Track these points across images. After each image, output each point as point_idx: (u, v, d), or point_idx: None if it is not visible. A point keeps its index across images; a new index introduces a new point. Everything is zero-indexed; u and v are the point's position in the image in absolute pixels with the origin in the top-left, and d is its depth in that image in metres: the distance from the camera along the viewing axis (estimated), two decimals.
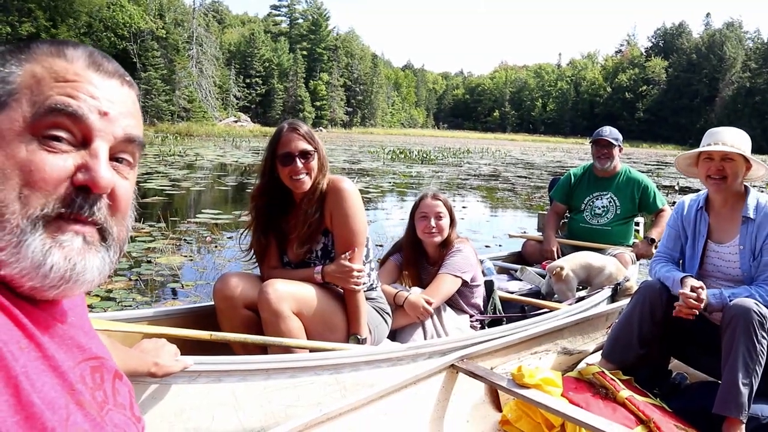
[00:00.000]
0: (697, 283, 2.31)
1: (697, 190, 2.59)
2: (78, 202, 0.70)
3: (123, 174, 0.78)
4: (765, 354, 2.14)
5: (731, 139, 2.36)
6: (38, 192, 0.68)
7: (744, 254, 2.38)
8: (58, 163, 0.70)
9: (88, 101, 0.72)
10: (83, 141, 0.72)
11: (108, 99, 0.75)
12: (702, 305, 2.26)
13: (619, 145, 4.31)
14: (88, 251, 0.72)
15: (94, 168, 0.71)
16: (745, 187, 2.47)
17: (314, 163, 2.38)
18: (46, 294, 0.70)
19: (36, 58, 0.73)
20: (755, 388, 2.14)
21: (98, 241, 0.74)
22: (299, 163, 2.34)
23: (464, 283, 2.93)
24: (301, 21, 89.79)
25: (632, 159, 33.18)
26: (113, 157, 0.76)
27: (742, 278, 2.40)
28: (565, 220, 4.63)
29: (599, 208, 4.32)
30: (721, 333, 2.22)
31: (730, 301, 2.25)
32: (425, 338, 2.74)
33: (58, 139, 0.70)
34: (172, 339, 2.00)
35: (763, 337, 2.13)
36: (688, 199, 2.64)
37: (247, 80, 68.91)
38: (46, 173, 0.68)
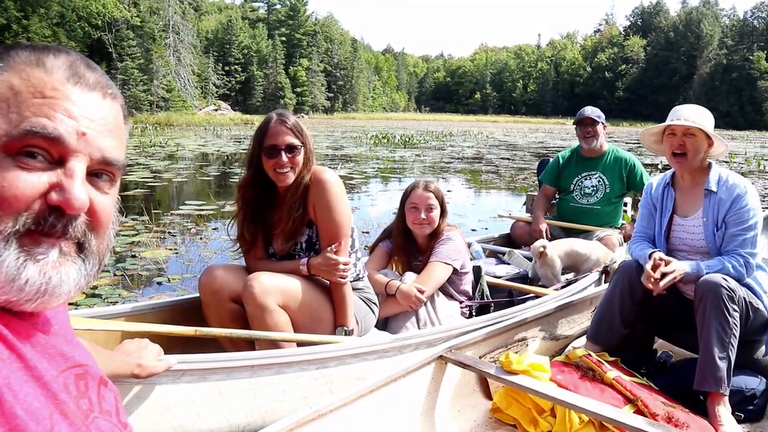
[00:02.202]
0: (665, 258, 2.37)
1: None
2: (51, 220, 0.69)
3: (103, 189, 0.75)
4: (738, 327, 2.19)
5: (693, 116, 2.45)
6: (9, 209, 0.66)
7: (707, 226, 2.46)
8: (32, 180, 0.68)
9: (66, 122, 0.70)
10: (59, 159, 0.71)
11: (87, 117, 0.72)
12: (665, 279, 2.29)
13: (603, 122, 4.34)
14: (63, 263, 0.71)
15: (68, 189, 0.69)
16: (709, 163, 2.55)
17: (300, 158, 2.33)
18: (22, 307, 0.69)
19: (14, 67, 0.70)
20: (733, 360, 2.18)
21: (74, 252, 0.73)
22: (284, 157, 2.29)
23: (454, 270, 2.92)
24: (278, 7, 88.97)
25: (614, 138, 33.39)
26: (93, 172, 0.74)
27: (707, 249, 2.47)
28: (555, 201, 4.66)
29: (589, 188, 4.35)
30: (694, 310, 2.27)
31: (707, 273, 2.30)
32: (419, 326, 2.73)
33: (32, 155, 0.68)
34: (157, 334, 1.99)
35: (735, 310, 2.18)
36: (656, 179, 2.73)
37: (226, 68, 68.23)
38: (18, 190, 0.67)
